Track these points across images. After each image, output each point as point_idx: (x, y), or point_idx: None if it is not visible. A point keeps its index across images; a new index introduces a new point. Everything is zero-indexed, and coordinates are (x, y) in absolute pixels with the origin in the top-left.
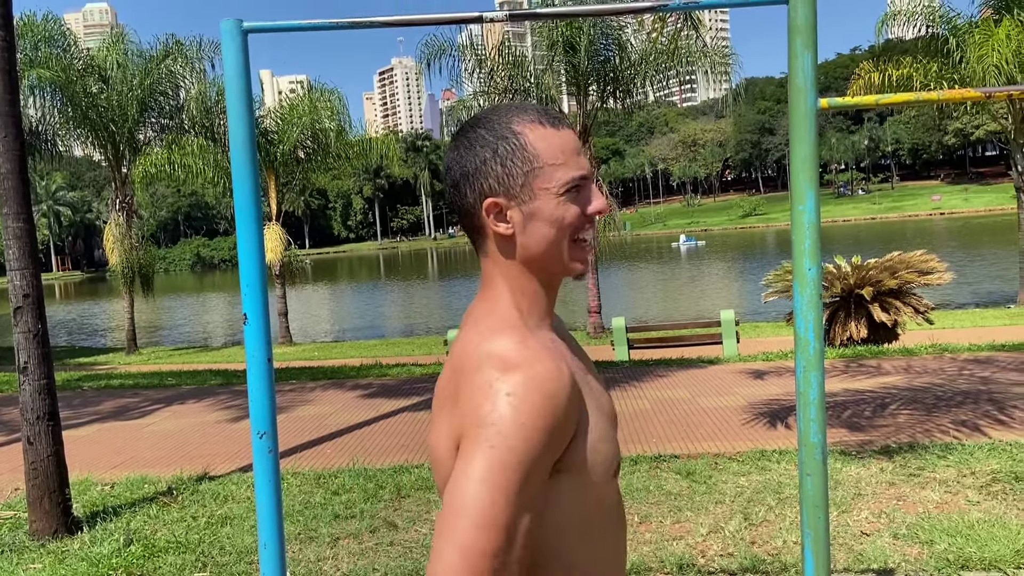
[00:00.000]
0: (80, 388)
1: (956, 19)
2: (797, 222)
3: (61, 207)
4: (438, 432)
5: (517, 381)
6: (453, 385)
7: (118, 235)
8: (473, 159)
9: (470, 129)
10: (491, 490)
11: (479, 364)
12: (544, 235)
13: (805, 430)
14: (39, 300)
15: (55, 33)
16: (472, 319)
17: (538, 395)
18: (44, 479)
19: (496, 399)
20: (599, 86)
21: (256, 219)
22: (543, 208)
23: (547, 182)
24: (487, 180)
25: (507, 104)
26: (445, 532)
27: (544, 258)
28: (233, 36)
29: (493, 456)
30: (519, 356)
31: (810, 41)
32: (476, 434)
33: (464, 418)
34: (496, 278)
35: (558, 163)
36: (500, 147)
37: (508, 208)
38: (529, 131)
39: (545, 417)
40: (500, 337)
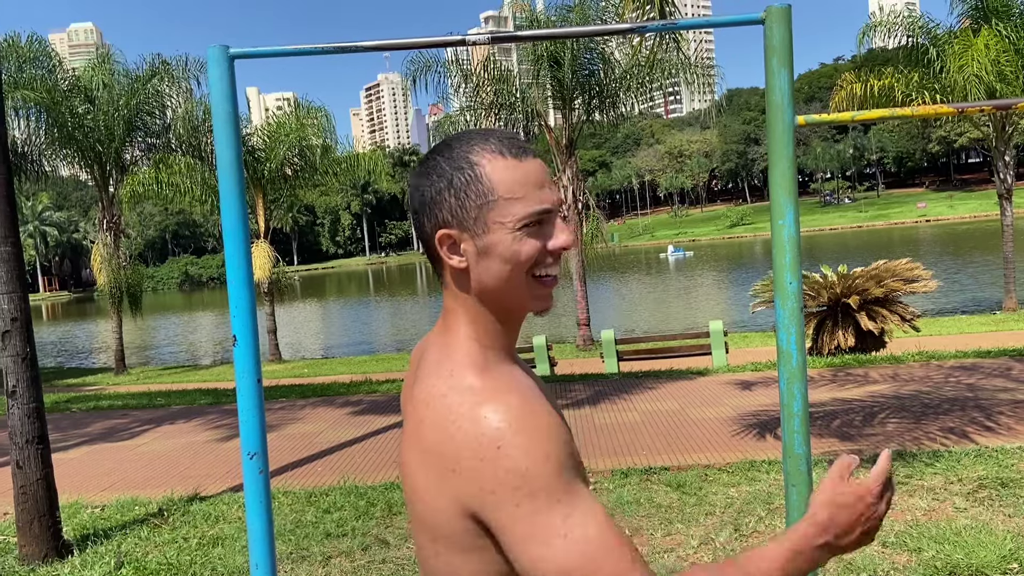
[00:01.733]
0: (69, 410)
1: (936, 29)
2: (777, 236)
3: (48, 227)
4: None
5: (499, 430)
6: (426, 434)
7: (105, 255)
8: (430, 189)
9: (431, 157)
10: (558, 534)
11: (451, 418)
12: (498, 270)
13: (789, 442)
14: (27, 323)
15: (40, 54)
16: (432, 359)
17: (522, 434)
18: (34, 503)
19: (492, 460)
20: (584, 99)
21: (244, 242)
22: (497, 243)
23: (502, 216)
24: (441, 211)
25: (472, 131)
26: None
27: (499, 294)
28: (219, 62)
29: (526, 512)
30: (491, 401)
31: (786, 59)
32: (495, 503)
33: (466, 486)
34: (456, 310)
35: (515, 197)
36: (455, 178)
37: (461, 240)
38: (487, 162)
39: (542, 445)
40: (468, 379)
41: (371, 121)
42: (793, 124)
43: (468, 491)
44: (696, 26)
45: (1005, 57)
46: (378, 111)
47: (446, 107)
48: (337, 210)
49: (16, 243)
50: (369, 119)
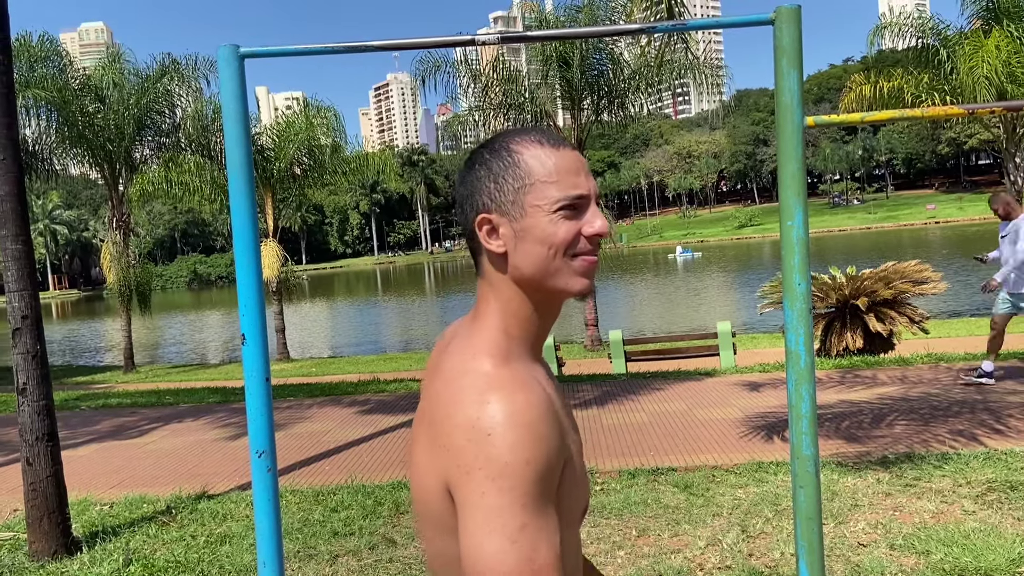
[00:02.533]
0: (78, 407)
1: (946, 31)
2: (786, 237)
3: (58, 226)
4: (418, 460)
5: (496, 417)
6: (433, 414)
7: (115, 253)
8: (472, 178)
9: (476, 151)
10: (497, 539)
11: (460, 396)
12: (535, 253)
13: (797, 443)
14: (37, 321)
15: (51, 53)
16: (460, 342)
17: (518, 429)
18: (43, 500)
19: (477, 440)
20: (593, 100)
21: (253, 241)
22: (534, 225)
23: (538, 199)
24: (481, 196)
25: (513, 128)
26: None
27: (536, 277)
28: (230, 61)
29: (486, 504)
30: (501, 387)
31: (795, 60)
32: (464, 482)
33: (448, 461)
34: (490, 299)
35: (551, 181)
36: (495, 164)
37: (499, 224)
38: (524, 149)
39: (529, 449)
40: (485, 363)
41: (380, 121)
42: (803, 125)
43: (449, 467)
44: (705, 26)
45: (1016, 59)
46: (387, 111)
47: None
48: (346, 209)
49: (27, 241)
50: (378, 119)
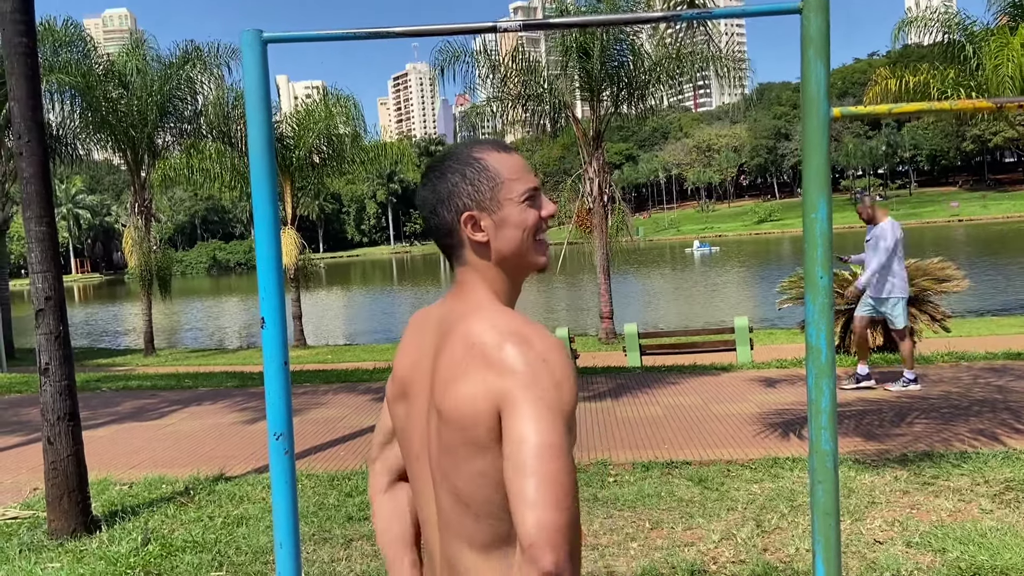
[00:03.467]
0: (99, 389)
1: (973, 26)
2: (809, 230)
3: (81, 210)
4: (459, 394)
5: (544, 349)
6: (473, 357)
7: (137, 238)
8: (446, 185)
9: (437, 165)
10: (553, 427)
11: (503, 340)
12: (512, 237)
13: (816, 438)
14: (61, 302)
15: (75, 38)
16: (461, 313)
17: (562, 361)
18: (63, 479)
19: (535, 364)
20: (613, 91)
21: (274, 225)
22: (510, 215)
23: (509, 193)
24: (461, 199)
25: (465, 142)
26: (531, 470)
27: (514, 257)
28: (253, 46)
29: (547, 403)
30: (532, 331)
31: (823, 50)
32: (525, 395)
33: (508, 382)
34: (476, 281)
35: (514, 177)
36: (467, 171)
37: (481, 219)
38: (487, 156)
39: (572, 374)
40: (508, 319)
41: (398, 110)
42: (829, 117)
43: (507, 387)
44: (730, 15)
45: None
46: (405, 101)
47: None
48: (363, 199)
49: (51, 223)
50: (396, 108)
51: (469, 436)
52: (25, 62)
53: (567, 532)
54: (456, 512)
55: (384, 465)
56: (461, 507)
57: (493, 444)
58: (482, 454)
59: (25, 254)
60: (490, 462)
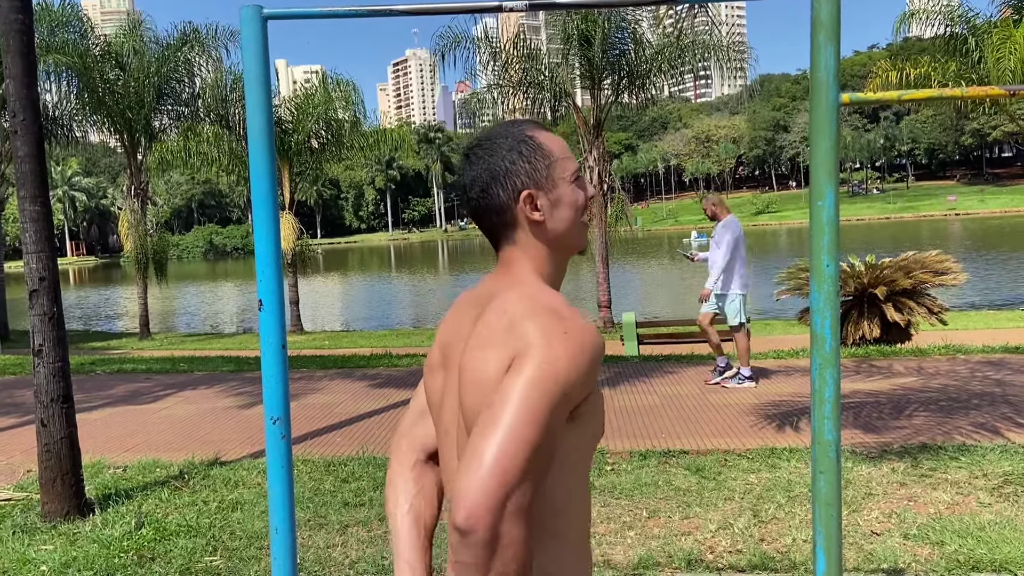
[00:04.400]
0: (94, 372)
1: (975, 19)
2: (816, 217)
3: (76, 192)
4: (480, 359)
5: (571, 326)
6: (501, 326)
7: (133, 221)
8: (501, 162)
9: (487, 142)
10: (541, 395)
11: (537, 311)
12: (566, 216)
13: (819, 428)
14: (55, 283)
15: (72, 18)
16: (501, 289)
17: (586, 340)
18: (57, 461)
19: (554, 334)
20: (613, 80)
21: (272, 205)
22: (564, 193)
23: (562, 171)
24: (518, 177)
25: (507, 121)
26: (495, 418)
27: (566, 237)
28: (253, 22)
29: (546, 370)
30: (569, 311)
31: (833, 34)
32: (534, 354)
33: (521, 344)
34: (523, 261)
35: (565, 156)
36: (523, 149)
37: (538, 197)
38: (539, 134)
39: (586, 358)
40: (546, 294)
41: (398, 97)
42: (838, 102)
43: (521, 349)
44: None
45: None
46: (405, 87)
47: (474, 84)
48: (361, 185)
49: (45, 203)
50: (396, 94)
51: (484, 400)
52: (21, 39)
53: (495, 505)
54: None
55: (412, 442)
56: None
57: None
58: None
59: (20, 235)
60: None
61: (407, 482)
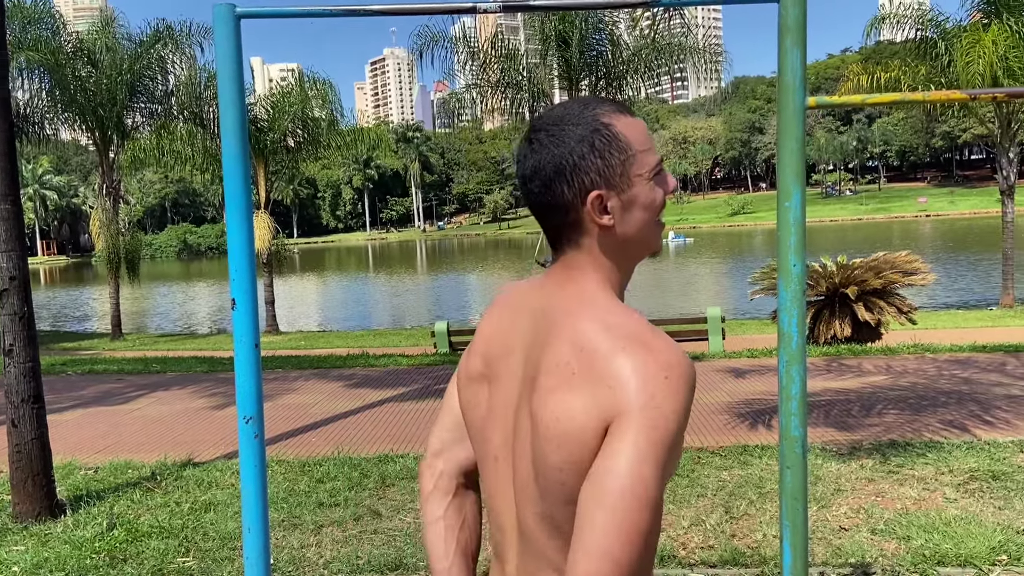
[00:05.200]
0: (64, 372)
1: (945, 23)
2: (783, 218)
3: (47, 191)
4: (563, 406)
5: (668, 363)
6: (582, 364)
7: (104, 220)
8: (569, 155)
9: (555, 126)
10: (654, 470)
11: (624, 345)
12: (640, 220)
13: (786, 424)
14: (25, 282)
15: (44, 15)
16: (568, 307)
17: (687, 379)
18: (28, 462)
19: (654, 380)
20: (591, 81)
21: (246, 204)
22: (639, 194)
23: (640, 168)
24: (588, 174)
25: (579, 100)
26: (610, 509)
27: (638, 242)
28: (226, 21)
29: (656, 438)
30: (655, 338)
31: (799, 39)
32: (639, 415)
33: (621, 398)
34: (587, 268)
35: (645, 148)
36: (596, 140)
37: (609, 199)
38: (616, 122)
39: (691, 397)
40: (627, 319)
41: (375, 96)
42: (804, 106)
43: (619, 404)
44: (710, 2)
45: (1014, 53)
46: (383, 86)
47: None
48: (339, 184)
49: (16, 201)
50: (374, 93)
51: (572, 458)
52: None
53: None
54: (544, 535)
55: (450, 465)
56: (551, 530)
57: (587, 463)
58: (576, 479)
59: None
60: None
61: (450, 514)
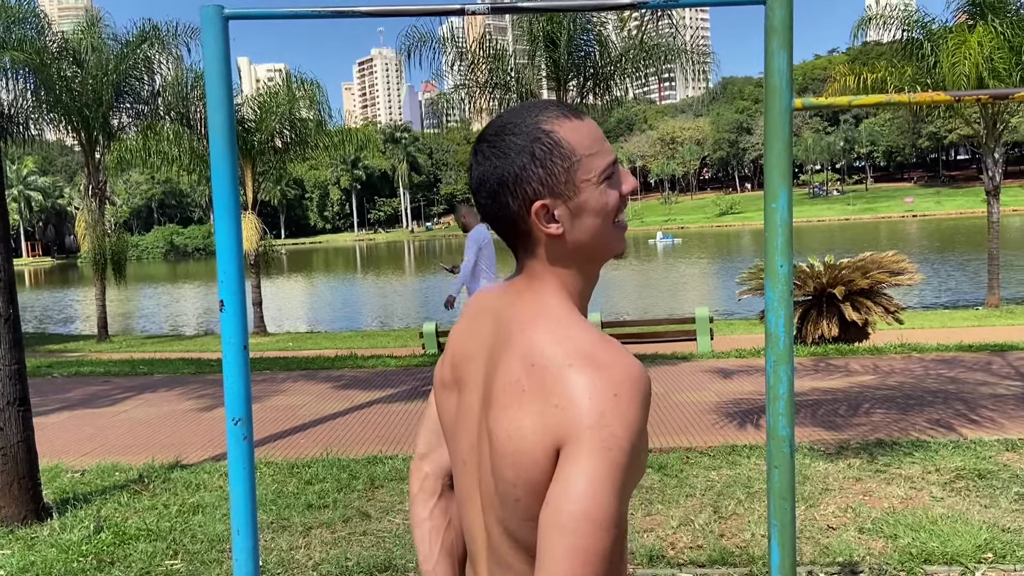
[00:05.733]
0: (50, 375)
1: (931, 24)
2: (770, 219)
3: (32, 192)
4: (514, 424)
5: (617, 379)
6: (533, 380)
7: (90, 221)
8: (510, 167)
9: (496, 137)
10: (610, 492)
11: (568, 361)
12: (592, 225)
13: (774, 423)
14: (10, 283)
15: (28, 15)
16: (524, 317)
17: (638, 393)
18: (14, 465)
19: (604, 400)
20: (579, 81)
21: (234, 205)
22: (588, 200)
23: (587, 173)
24: (530, 184)
25: (524, 105)
26: (568, 533)
27: (593, 247)
28: (214, 22)
29: (610, 458)
30: (605, 353)
31: (786, 41)
32: (590, 436)
33: (570, 418)
34: (544, 277)
35: (592, 152)
36: (536, 149)
37: (555, 208)
38: (558, 127)
39: (645, 413)
40: (578, 332)
41: (363, 96)
42: (791, 107)
43: (568, 425)
44: (697, 4)
45: (999, 54)
46: (371, 86)
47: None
48: (326, 185)
49: (1, 201)
50: (361, 94)
51: (525, 475)
52: None
53: None
54: (505, 544)
55: (435, 468)
56: (512, 542)
57: (545, 488)
58: (530, 497)
59: None
60: (535, 503)
61: (436, 515)
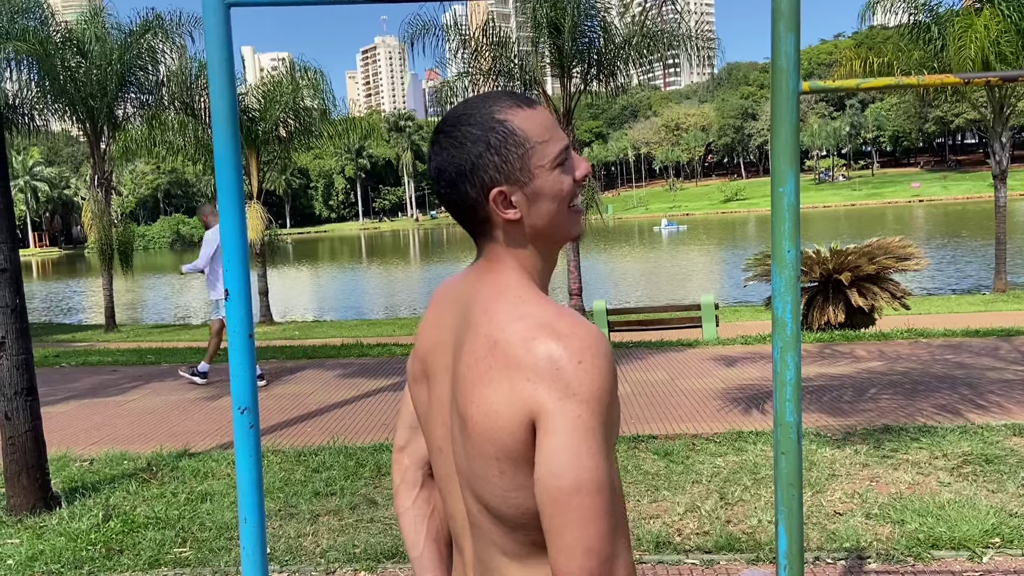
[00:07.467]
0: (58, 364)
1: (938, 7)
2: (777, 204)
3: (38, 183)
4: (487, 402)
5: (580, 348)
6: (498, 357)
7: (96, 212)
8: (467, 156)
9: (453, 128)
10: (592, 456)
11: (530, 335)
12: (547, 210)
13: (781, 410)
14: (17, 274)
15: (32, 5)
16: (486, 296)
17: (600, 356)
18: (22, 454)
19: (570, 368)
20: (583, 68)
21: (237, 194)
22: (544, 185)
23: (541, 159)
24: (487, 172)
25: (479, 97)
26: (563, 507)
27: (550, 231)
28: (215, 10)
29: (584, 424)
30: (565, 323)
31: (793, 24)
32: (562, 407)
33: (540, 390)
34: (505, 259)
35: (545, 139)
36: (491, 138)
37: (512, 194)
38: (512, 116)
39: (611, 373)
40: (538, 307)
41: (367, 85)
42: (798, 90)
43: (538, 397)
44: None
45: (1006, 38)
46: (374, 75)
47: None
48: (331, 174)
49: (6, 192)
50: (365, 82)
51: (499, 450)
52: None
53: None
54: (486, 521)
55: (414, 459)
56: (491, 517)
57: (527, 457)
58: (514, 469)
59: None
60: (525, 477)
61: (418, 504)
